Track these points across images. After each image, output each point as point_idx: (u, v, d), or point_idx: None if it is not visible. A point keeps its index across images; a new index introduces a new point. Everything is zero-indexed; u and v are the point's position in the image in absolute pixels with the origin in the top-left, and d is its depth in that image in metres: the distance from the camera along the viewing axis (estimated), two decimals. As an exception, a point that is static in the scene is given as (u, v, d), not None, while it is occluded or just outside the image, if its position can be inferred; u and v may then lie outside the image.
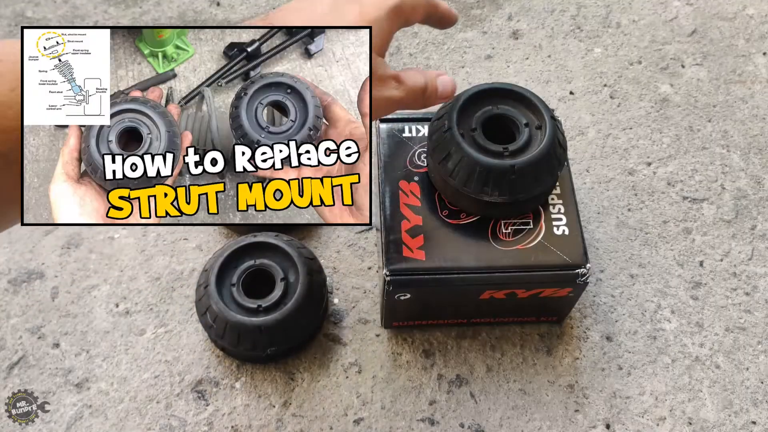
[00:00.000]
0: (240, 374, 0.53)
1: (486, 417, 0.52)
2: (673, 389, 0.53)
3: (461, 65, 0.71)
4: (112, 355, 0.54)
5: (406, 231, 0.47)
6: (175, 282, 0.57)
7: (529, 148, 0.45)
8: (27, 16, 0.73)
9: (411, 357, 0.54)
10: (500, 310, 0.53)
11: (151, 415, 0.51)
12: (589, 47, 0.72)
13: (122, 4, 0.74)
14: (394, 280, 0.46)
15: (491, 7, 0.75)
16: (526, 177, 0.44)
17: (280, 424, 0.51)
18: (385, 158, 0.51)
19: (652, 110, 0.68)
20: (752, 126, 0.67)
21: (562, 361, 0.54)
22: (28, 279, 0.57)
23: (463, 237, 0.47)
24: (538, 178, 0.45)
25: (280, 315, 0.49)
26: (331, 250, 0.59)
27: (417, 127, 0.52)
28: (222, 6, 0.75)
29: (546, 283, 0.47)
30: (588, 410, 0.52)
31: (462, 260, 0.46)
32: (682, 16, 0.74)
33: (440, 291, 0.47)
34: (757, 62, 0.71)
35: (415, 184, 0.49)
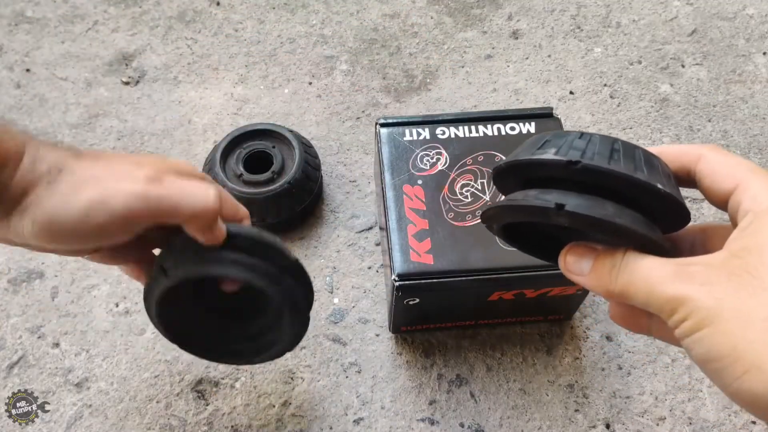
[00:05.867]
0: (240, 374, 0.53)
1: (486, 417, 0.52)
2: (673, 389, 0.53)
3: (461, 65, 0.71)
4: (112, 354, 0.54)
5: (413, 235, 0.47)
6: (175, 282, 0.57)
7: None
8: (27, 16, 0.73)
9: (411, 357, 0.54)
10: (508, 311, 0.53)
11: (150, 414, 0.51)
12: (589, 47, 0.72)
13: (122, 4, 0.74)
14: (403, 285, 0.46)
15: (491, 6, 0.75)
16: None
17: (280, 424, 0.51)
18: (387, 162, 0.50)
19: (652, 110, 0.68)
20: (752, 126, 0.67)
21: (562, 360, 0.54)
22: (28, 279, 0.57)
23: (470, 239, 0.47)
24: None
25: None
26: (331, 250, 0.59)
27: (418, 131, 0.52)
28: (222, 6, 0.75)
29: (554, 282, 0.47)
30: (588, 410, 0.52)
31: (470, 262, 0.46)
32: (682, 15, 0.74)
33: (449, 294, 0.47)
34: (757, 62, 0.71)
35: (419, 187, 0.49)
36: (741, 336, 0.23)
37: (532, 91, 0.69)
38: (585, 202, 0.27)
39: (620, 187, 0.27)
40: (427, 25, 0.74)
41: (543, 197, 0.28)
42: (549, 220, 0.28)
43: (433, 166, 0.50)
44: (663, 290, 0.26)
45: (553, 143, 0.28)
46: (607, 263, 0.28)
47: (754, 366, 0.23)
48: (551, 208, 0.27)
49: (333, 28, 0.73)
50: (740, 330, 0.23)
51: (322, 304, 0.56)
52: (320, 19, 0.74)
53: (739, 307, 0.24)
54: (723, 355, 0.24)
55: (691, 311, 0.25)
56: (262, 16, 0.74)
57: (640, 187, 0.27)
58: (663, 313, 0.26)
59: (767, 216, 0.26)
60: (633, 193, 0.27)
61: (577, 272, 0.30)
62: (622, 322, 0.32)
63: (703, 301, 0.24)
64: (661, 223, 0.29)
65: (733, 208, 0.28)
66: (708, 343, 0.24)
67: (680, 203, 0.28)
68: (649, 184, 0.27)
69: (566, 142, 0.28)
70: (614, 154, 0.27)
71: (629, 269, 0.27)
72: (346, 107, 0.68)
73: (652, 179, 0.27)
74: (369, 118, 0.67)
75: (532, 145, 0.30)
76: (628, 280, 0.27)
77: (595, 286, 0.29)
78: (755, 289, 0.24)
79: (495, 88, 0.69)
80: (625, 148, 0.28)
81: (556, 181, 0.29)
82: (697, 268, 0.26)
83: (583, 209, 0.27)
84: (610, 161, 0.27)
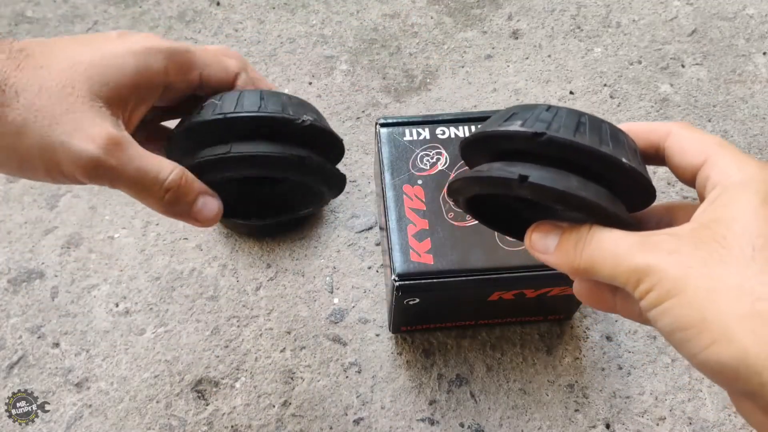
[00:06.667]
0: (240, 374, 0.53)
1: (486, 417, 0.52)
2: (673, 389, 0.53)
3: (461, 65, 0.71)
4: (112, 354, 0.54)
5: (413, 235, 0.47)
6: (175, 282, 0.57)
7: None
8: (27, 16, 0.73)
9: (411, 357, 0.54)
10: (508, 311, 0.53)
11: (150, 414, 0.51)
12: (589, 47, 0.72)
13: (122, 4, 0.74)
14: (403, 285, 0.46)
15: (491, 6, 0.75)
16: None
17: (280, 424, 0.51)
18: (387, 163, 0.50)
19: (652, 110, 0.68)
20: (752, 126, 0.67)
21: (562, 360, 0.54)
22: (28, 279, 0.57)
23: (470, 239, 0.47)
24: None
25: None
26: (331, 250, 0.59)
27: (418, 131, 0.52)
28: (222, 6, 0.75)
29: (554, 282, 0.47)
30: (588, 410, 0.52)
31: (470, 262, 0.46)
32: (682, 15, 0.74)
33: (449, 294, 0.47)
34: (757, 62, 0.71)
35: (419, 187, 0.49)
36: (709, 306, 0.23)
37: (532, 91, 0.69)
38: (549, 175, 0.27)
39: (585, 161, 0.27)
40: (427, 25, 0.74)
41: (507, 169, 0.28)
42: (512, 192, 0.28)
43: (433, 166, 0.50)
44: (628, 261, 0.25)
45: (520, 116, 0.28)
46: (572, 238, 0.28)
47: (724, 336, 0.23)
48: (514, 179, 0.27)
49: (333, 28, 0.73)
50: (709, 300, 0.23)
51: (322, 304, 0.56)
52: (320, 19, 0.74)
53: (707, 277, 0.23)
54: (691, 325, 0.23)
55: (657, 281, 0.24)
56: (262, 16, 0.74)
57: (604, 161, 0.27)
58: (628, 285, 0.25)
59: (736, 188, 0.26)
60: (598, 167, 0.27)
61: (543, 250, 0.29)
62: (587, 298, 0.32)
63: (670, 271, 0.24)
64: (627, 199, 0.29)
65: (701, 183, 0.28)
66: (675, 314, 0.24)
67: (645, 178, 0.28)
68: (614, 158, 0.26)
69: (533, 115, 0.28)
70: (580, 127, 0.27)
71: (594, 243, 0.27)
72: (346, 107, 0.68)
73: (617, 153, 0.27)
74: (369, 118, 0.67)
75: (499, 117, 0.29)
76: (593, 254, 0.27)
77: (561, 263, 0.29)
78: (723, 257, 0.24)
79: (495, 88, 0.69)
80: (591, 121, 0.27)
81: (522, 153, 0.29)
82: (662, 237, 0.25)
83: (546, 181, 0.27)
84: (576, 134, 0.27)
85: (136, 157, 0.31)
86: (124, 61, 0.32)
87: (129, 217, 0.60)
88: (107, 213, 0.60)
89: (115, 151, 0.30)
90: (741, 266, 0.23)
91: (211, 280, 0.57)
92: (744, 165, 0.26)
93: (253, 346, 0.54)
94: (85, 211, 0.60)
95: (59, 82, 0.30)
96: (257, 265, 0.58)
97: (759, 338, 0.22)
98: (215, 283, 0.57)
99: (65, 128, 0.30)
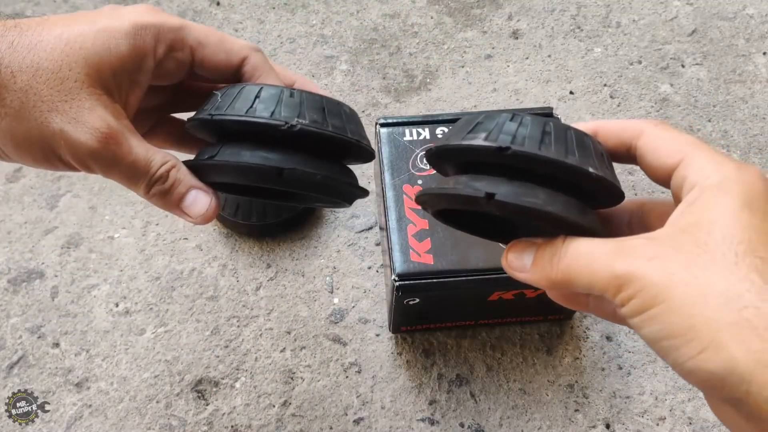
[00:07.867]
0: (240, 374, 0.53)
1: (486, 417, 0.52)
2: (673, 389, 0.53)
3: (461, 65, 0.71)
4: (112, 354, 0.54)
5: (413, 235, 0.47)
6: (175, 282, 0.57)
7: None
8: (27, 16, 0.73)
9: (411, 357, 0.54)
10: (508, 311, 0.53)
11: (150, 414, 0.51)
12: (589, 47, 0.72)
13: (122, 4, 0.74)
14: (403, 285, 0.46)
15: (491, 6, 0.75)
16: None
17: (280, 424, 0.51)
18: (387, 162, 0.50)
19: (652, 110, 0.68)
20: (752, 126, 0.67)
21: (562, 360, 0.54)
22: (27, 278, 0.57)
23: (470, 239, 0.47)
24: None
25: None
26: (331, 250, 0.59)
27: (418, 131, 0.52)
28: (222, 6, 0.75)
29: None
30: (588, 410, 0.52)
31: (470, 262, 0.46)
32: (682, 15, 0.74)
33: (449, 294, 0.47)
34: (757, 62, 0.71)
35: (419, 187, 0.49)
36: (697, 313, 0.23)
37: (532, 91, 0.69)
38: (515, 190, 0.27)
39: (552, 172, 0.27)
40: (427, 25, 0.74)
41: (473, 185, 0.27)
42: (480, 209, 0.28)
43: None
44: (606, 269, 0.25)
45: (484, 126, 0.28)
46: (547, 253, 0.28)
47: (713, 344, 0.22)
48: (481, 197, 0.27)
49: (333, 28, 0.73)
50: (696, 307, 0.23)
51: (322, 304, 0.56)
52: (320, 19, 0.74)
53: (693, 283, 0.23)
54: (679, 333, 0.23)
55: (640, 288, 0.24)
56: (262, 16, 0.74)
57: (571, 172, 0.27)
58: (608, 293, 0.25)
59: (714, 190, 0.25)
60: (566, 177, 0.27)
61: (520, 269, 0.29)
62: (561, 298, 0.32)
63: (653, 277, 0.23)
64: (597, 203, 0.29)
65: (677, 183, 0.27)
66: (662, 321, 0.23)
67: (613, 184, 0.28)
68: (581, 168, 0.26)
69: (497, 126, 0.27)
70: (545, 137, 0.27)
71: (569, 254, 0.27)
72: (346, 107, 0.68)
73: (584, 163, 0.26)
74: (369, 118, 0.67)
75: (463, 128, 0.29)
76: (569, 265, 0.26)
77: (538, 279, 0.28)
78: (705, 263, 0.23)
79: (495, 88, 0.69)
80: (556, 130, 0.27)
81: (488, 166, 0.28)
82: (639, 242, 0.25)
83: (512, 198, 0.26)
84: (541, 146, 0.26)
85: (131, 148, 0.31)
86: (117, 42, 0.32)
87: (129, 217, 0.60)
88: (107, 213, 0.60)
89: (112, 144, 0.30)
90: (725, 272, 0.23)
91: (211, 280, 0.57)
92: (721, 165, 0.26)
93: (253, 346, 0.54)
94: (85, 211, 0.60)
95: (55, 63, 0.30)
96: (257, 265, 0.58)
97: (746, 346, 0.22)
98: (215, 283, 0.57)
99: (64, 116, 0.30)
